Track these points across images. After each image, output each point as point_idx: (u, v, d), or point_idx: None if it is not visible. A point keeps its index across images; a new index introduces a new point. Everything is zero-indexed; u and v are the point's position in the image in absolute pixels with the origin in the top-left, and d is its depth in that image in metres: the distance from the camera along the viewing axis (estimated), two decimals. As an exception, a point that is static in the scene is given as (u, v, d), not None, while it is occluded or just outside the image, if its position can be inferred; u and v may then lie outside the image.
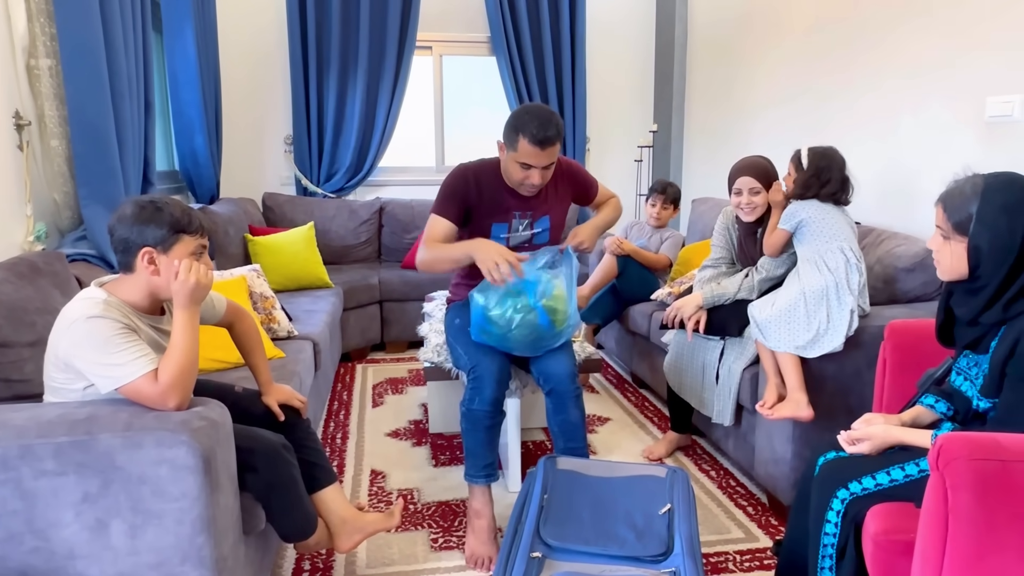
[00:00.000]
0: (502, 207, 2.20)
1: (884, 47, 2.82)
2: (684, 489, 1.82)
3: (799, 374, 2.11)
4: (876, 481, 1.47)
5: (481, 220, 2.21)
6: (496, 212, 2.20)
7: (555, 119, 2.02)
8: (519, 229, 2.24)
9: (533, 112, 2.02)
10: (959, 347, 1.54)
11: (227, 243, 3.46)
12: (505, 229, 2.23)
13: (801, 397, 2.10)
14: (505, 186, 2.20)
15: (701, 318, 2.41)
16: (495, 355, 2.12)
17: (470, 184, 2.17)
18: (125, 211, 1.43)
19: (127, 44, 2.53)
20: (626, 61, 4.87)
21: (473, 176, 2.19)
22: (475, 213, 2.20)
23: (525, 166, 2.06)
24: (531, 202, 2.22)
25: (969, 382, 1.52)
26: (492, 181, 2.20)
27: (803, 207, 2.21)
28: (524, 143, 2.01)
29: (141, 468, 1.30)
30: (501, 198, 2.20)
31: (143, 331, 1.48)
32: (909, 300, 2.31)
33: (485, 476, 2.12)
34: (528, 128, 1.99)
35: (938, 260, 1.48)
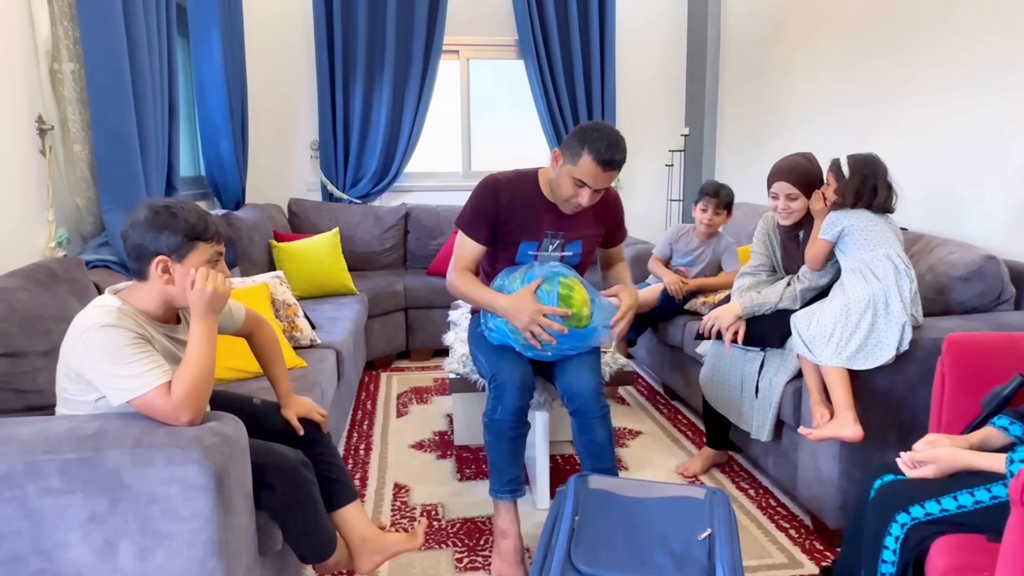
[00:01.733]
0: (535, 224, 2.08)
1: (932, 44, 2.68)
2: (725, 513, 1.71)
3: (847, 390, 1.98)
4: (941, 506, 1.35)
5: (510, 236, 2.09)
6: (527, 228, 2.08)
7: (623, 144, 1.91)
8: (549, 249, 2.11)
9: (604, 131, 1.90)
10: None
11: (252, 249, 3.42)
12: (534, 247, 2.10)
13: (848, 415, 1.96)
14: (541, 201, 2.07)
15: (740, 329, 2.29)
16: (517, 362, 2.02)
17: (500, 198, 2.05)
18: (139, 216, 1.37)
19: (151, 48, 2.50)
20: (657, 62, 4.76)
21: (504, 187, 2.06)
22: (504, 228, 2.08)
23: (579, 183, 1.93)
24: (567, 223, 2.09)
25: None
26: (527, 195, 2.07)
27: (844, 216, 2.09)
28: (587, 159, 1.88)
29: (150, 487, 1.23)
30: (536, 214, 2.07)
31: (157, 341, 1.42)
32: (964, 311, 2.16)
33: (510, 491, 2.03)
34: (596, 146, 1.87)
35: None
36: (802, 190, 2.24)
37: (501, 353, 2.05)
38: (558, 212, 2.07)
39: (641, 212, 4.90)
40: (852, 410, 1.96)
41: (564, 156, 1.96)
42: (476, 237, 2.08)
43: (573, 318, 1.96)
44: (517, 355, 2.05)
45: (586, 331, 1.99)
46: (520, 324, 1.93)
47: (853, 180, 2.10)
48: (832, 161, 2.19)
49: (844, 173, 2.12)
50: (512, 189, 2.06)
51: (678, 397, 3.34)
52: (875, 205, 2.09)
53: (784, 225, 2.35)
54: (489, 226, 2.07)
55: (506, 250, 2.11)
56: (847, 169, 2.12)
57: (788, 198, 2.26)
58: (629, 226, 4.77)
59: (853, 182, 2.10)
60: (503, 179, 2.08)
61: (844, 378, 1.98)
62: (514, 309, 1.94)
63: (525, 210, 2.06)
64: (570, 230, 2.10)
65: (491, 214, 2.05)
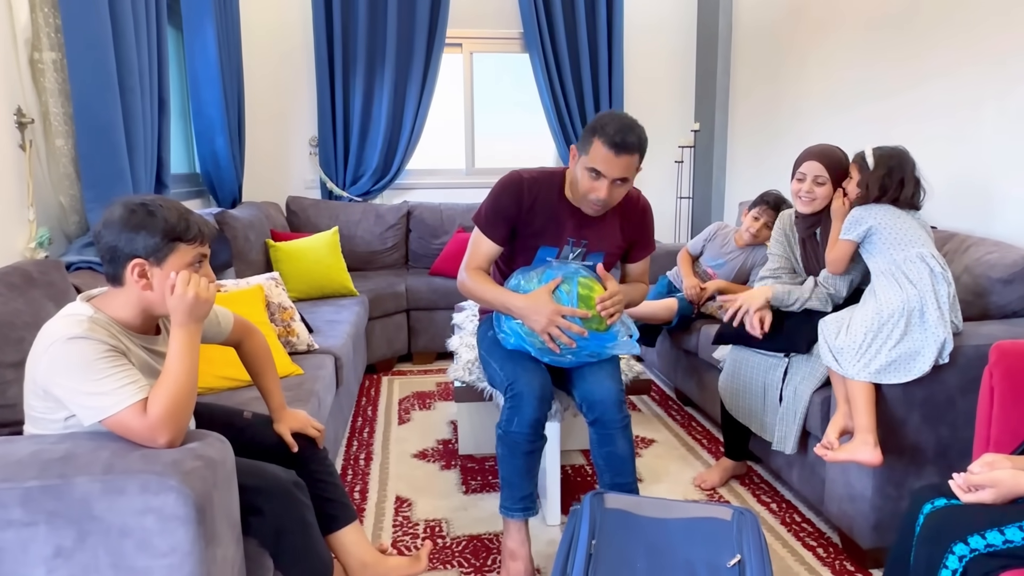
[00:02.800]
0: (557, 229, 1.95)
1: (959, 29, 2.54)
2: (755, 536, 1.58)
3: (871, 410, 1.84)
4: (1005, 537, 1.21)
5: (529, 239, 1.96)
6: (548, 233, 1.95)
7: (639, 127, 1.78)
8: (568, 257, 1.97)
9: (616, 116, 1.79)
10: None
11: (247, 249, 3.30)
12: (553, 253, 1.97)
13: (869, 437, 1.82)
14: (566, 205, 1.95)
15: (767, 318, 2.15)
16: (536, 370, 1.89)
17: (523, 197, 1.92)
18: (113, 215, 1.24)
19: (139, 37, 2.37)
20: (666, 56, 4.62)
21: (528, 187, 1.93)
22: (524, 230, 1.95)
23: (594, 174, 1.80)
24: (591, 231, 1.96)
25: None
26: (551, 196, 1.94)
27: (869, 212, 1.96)
28: (598, 145, 1.76)
29: (123, 518, 1.10)
30: (558, 219, 1.94)
31: (134, 353, 1.29)
32: (1005, 315, 2.03)
33: (523, 509, 1.90)
34: (606, 130, 1.75)
35: None
36: (831, 176, 2.12)
37: (517, 360, 1.91)
38: (582, 218, 1.94)
39: (650, 210, 4.75)
40: (873, 432, 1.82)
41: (579, 149, 1.85)
42: (494, 237, 1.96)
43: (594, 320, 1.84)
44: (535, 362, 1.91)
45: (607, 335, 1.87)
46: (538, 326, 1.81)
47: (878, 171, 1.98)
48: (856, 154, 2.07)
49: (869, 165, 1.99)
50: (536, 190, 1.93)
51: (692, 403, 3.21)
52: (901, 200, 1.96)
53: (802, 216, 2.21)
54: (508, 226, 1.95)
55: (523, 253, 1.99)
56: (872, 161, 1.99)
57: (815, 181, 2.13)
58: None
59: (877, 173, 1.97)
60: (528, 178, 1.94)
61: (870, 396, 1.84)
62: (530, 310, 1.81)
63: (548, 213, 1.93)
64: (593, 240, 1.97)
65: (511, 213, 1.93)
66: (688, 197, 4.63)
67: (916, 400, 1.84)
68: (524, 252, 1.99)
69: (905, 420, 1.85)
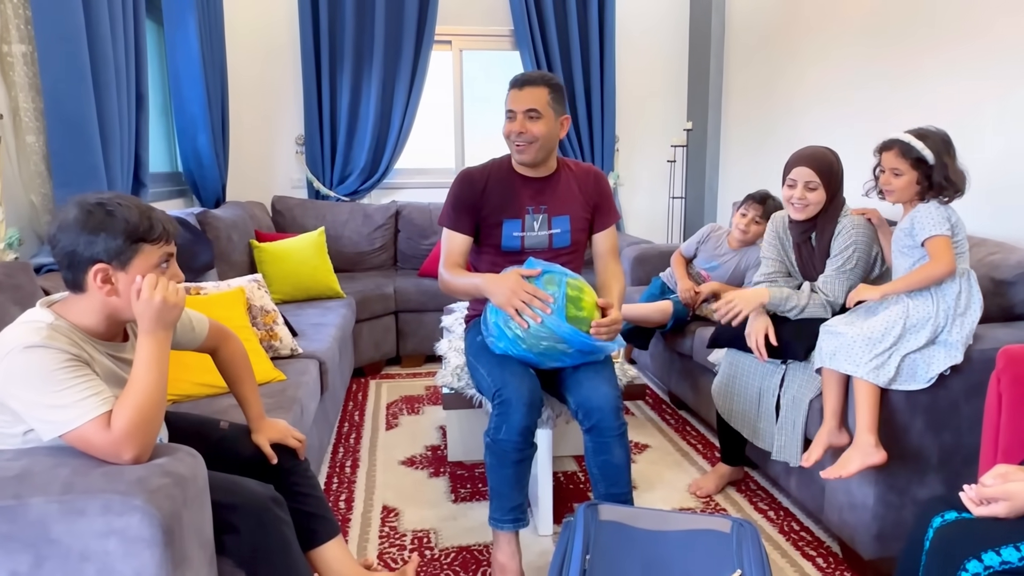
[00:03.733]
0: (514, 202, 2.03)
1: (957, 22, 2.49)
2: (755, 549, 1.51)
3: (876, 409, 1.78)
4: (1021, 554, 1.15)
5: (492, 218, 2.03)
6: (507, 208, 2.03)
7: (547, 73, 1.99)
8: (534, 227, 2.04)
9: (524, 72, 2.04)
10: None
11: (231, 250, 3.21)
12: (518, 227, 2.04)
13: (871, 439, 1.77)
14: (517, 179, 2.06)
15: (770, 332, 2.05)
16: (524, 376, 1.82)
17: (476, 184, 2.04)
18: (68, 216, 1.16)
19: (115, 30, 2.28)
20: (659, 53, 4.56)
21: (479, 173, 2.06)
22: (485, 213, 2.04)
23: (509, 114, 1.97)
24: (547, 197, 2.05)
25: None
26: (502, 176, 2.06)
27: (945, 209, 1.82)
28: (508, 92, 1.98)
29: (83, 541, 1.03)
30: (513, 190, 2.04)
31: (98, 362, 1.21)
32: (1010, 318, 1.98)
33: (513, 521, 1.83)
34: (512, 79, 1.98)
35: None
36: (823, 181, 2.02)
37: (506, 365, 1.85)
38: (537, 186, 2.05)
39: (642, 210, 4.70)
40: (875, 432, 1.78)
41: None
42: (461, 228, 2.04)
43: (583, 322, 1.79)
44: (524, 368, 1.85)
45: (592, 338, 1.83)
46: (501, 298, 1.81)
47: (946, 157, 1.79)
48: (889, 143, 1.85)
49: (925, 156, 1.79)
50: (487, 173, 2.06)
51: (686, 407, 3.15)
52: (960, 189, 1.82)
53: (796, 221, 2.13)
54: (471, 215, 2.04)
55: (490, 235, 2.04)
56: (928, 150, 1.79)
57: (807, 187, 2.03)
58: (629, 224, 4.65)
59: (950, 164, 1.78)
60: (475, 169, 2.09)
61: (876, 397, 1.78)
62: (494, 283, 1.84)
63: (502, 190, 2.04)
64: (552, 204, 2.05)
65: (470, 201, 2.03)
66: (681, 197, 4.57)
67: (919, 405, 1.78)
68: (490, 233, 2.04)
69: (908, 426, 1.79)
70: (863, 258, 2.04)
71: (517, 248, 2.03)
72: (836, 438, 1.89)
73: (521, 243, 2.02)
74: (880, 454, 1.76)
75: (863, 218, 2.08)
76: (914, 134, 1.83)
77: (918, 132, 1.84)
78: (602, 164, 4.46)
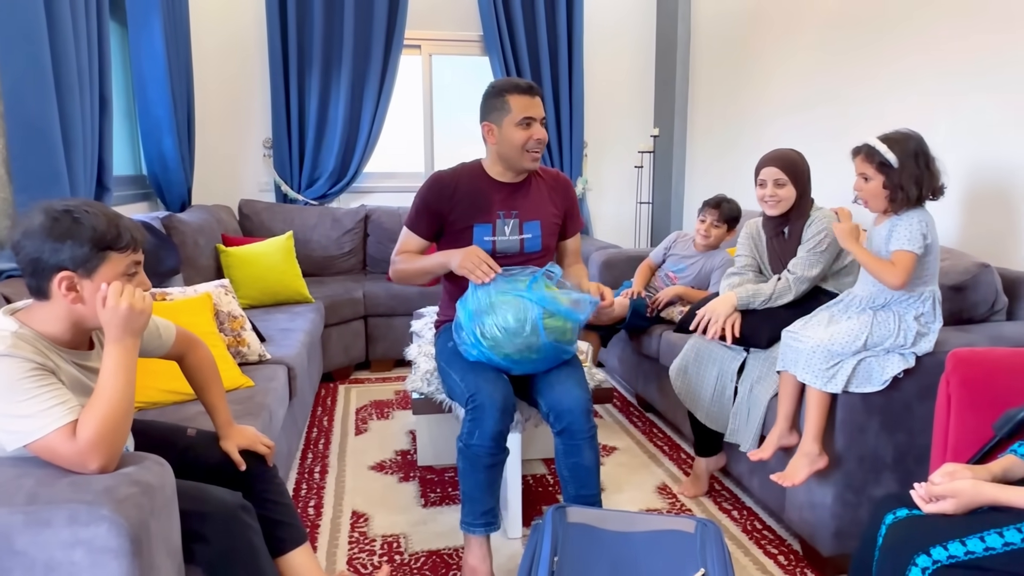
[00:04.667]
0: (485, 206, 2.02)
1: (916, 39, 2.58)
2: (718, 548, 1.55)
3: (823, 419, 1.87)
4: (967, 548, 1.21)
5: (462, 222, 2.02)
6: (478, 212, 2.02)
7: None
8: (505, 232, 2.03)
9: (506, 78, 2.03)
10: None
11: (197, 255, 3.17)
12: (489, 231, 2.02)
13: (815, 448, 1.87)
14: (488, 183, 2.05)
15: (736, 321, 2.15)
16: (497, 381, 1.85)
17: (445, 189, 2.03)
18: (33, 223, 1.14)
19: (77, 31, 2.25)
20: (626, 61, 4.63)
21: (449, 179, 2.04)
22: (454, 217, 2.03)
23: (526, 122, 1.94)
24: (519, 202, 2.05)
25: None
26: (473, 180, 2.05)
27: (921, 216, 1.82)
28: (516, 98, 1.93)
29: (48, 552, 1.02)
30: (483, 196, 2.03)
31: (64, 371, 1.20)
32: (959, 322, 2.06)
33: (484, 525, 1.85)
34: (510, 85, 1.95)
35: None
36: (790, 178, 2.14)
37: (479, 371, 1.87)
38: (508, 191, 2.05)
39: (610, 215, 4.76)
40: (820, 441, 1.87)
41: (494, 118, 1.98)
42: (419, 232, 2.07)
43: (558, 331, 1.84)
44: (496, 373, 1.88)
45: (568, 343, 1.88)
46: (456, 261, 1.89)
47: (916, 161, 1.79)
48: (861, 148, 1.85)
49: (889, 160, 1.79)
50: (457, 178, 2.05)
51: (653, 410, 3.20)
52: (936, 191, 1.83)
53: (770, 218, 2.23)
54: (435, 220, 2.05)
55: (459, 239, 2.04)
56: (893, 154, 1.79)
57: (776, 184, 2.15)
58: (597, 229, 4.70)
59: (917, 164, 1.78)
60: (445, 172, 2.07)
61: (827, 407, 1.87)
62: (456, 253, 1.92)
63: (473, 194, 2.03)
64: (523, 209, 2.06)
65: (436, 207, 2.03)
66: (648, 202, 4.64)
67: (875, 407, 1.85)
68: (458, 238, 2.04)
69: (864, 427, 1.86)
70: (834, 244, 2.14)
71: (488, 252, 2.02)
72: (786, 439, 1.98)
73: (492, 247, 2.02)
74: (823, 460, 1.87)
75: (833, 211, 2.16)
76: (883, 138, 1.84)
77: (887, 136, 1.84)
78: (571, 169, 4.50)
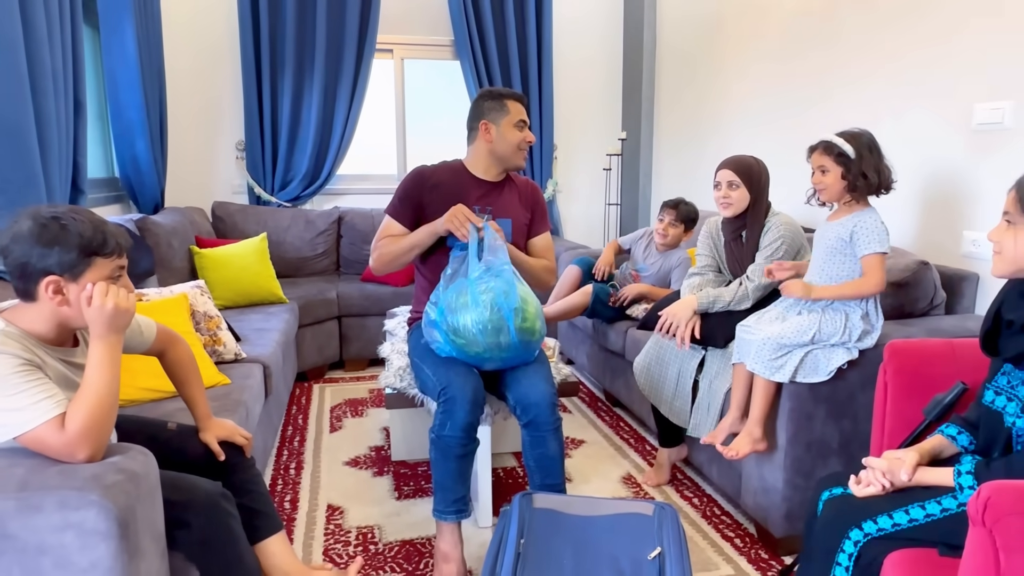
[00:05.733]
0: (463, 199, 2.15)
1: (864, 51, 2.73)
2: (674, 529, 1.66)
3: (767, 407, 2.01)
4: (893, 520, 1.32)
5: (439, 212, 2.12)
6: (455, 203, 2.11)
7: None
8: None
9: (501, 87, 2.23)
10: (1002, 360, 1.39)
11: (171, 256, 3.20)
12: None
13: (758, 431, 2.01)
14: (469, 179, 2.22)
15: (696, 324, 2.27)
16: (468, 375, 1.94)
17: (426, 181, 2.19)
18: (22, 228, 1.20)
19: (52, 37, 2.28)
20: (594, 67, 4.75)
21: (431, 173, 2.21)
22: (432, 210, 2.16)
23: (522, 124, 2.17)
24: (494, 199, 2.22)
25: (1005, 398, 1.37)
26: (454, 176, 2.22)
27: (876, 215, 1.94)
28: (514, 103, 2.17)
29: (40, 536, 1.08)
30: (463, 189, 2.19)
31: (50, 367, 1.26)
32: (900, 316, 2.19)
33: (456, 512, 1.93)
34: (508, 92, 2.19)
35: (998, 250, 1.33)
36: (744, 182, 2.25)
37: (450, 365, 1.96)
38: (485, 188, 2.22)
39: (579, 216, 4.87)
40: (762, 426, 2.01)
41: (493, 118, 2.17)
42: (401, 219, 2.18)
43: (527, 331, 1.93)
44: (467, 367, 1.97)
45: (535, 342, 1.97)
46: (441, 222, 2.04)
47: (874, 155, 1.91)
48: (818, 144, 1.98)
49: (847, 151, 1.91)
50: (438, 173, 2.21)
51: (620, 404, 3.31)
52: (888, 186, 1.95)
53: (727, 220, 2.34)
54: (414, 211, 2.18)
55: None
56: (850, 146, 1.91)
57: (730, 186, 2.26)
58: (568, 230, 4.82)
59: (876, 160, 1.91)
60: (428, 168, 2.24)
61: (771, 395, 2.00)
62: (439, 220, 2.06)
63: (452, 188, 2.18)
64: (497, 206, 2.21)
65: (417, 198, 2.18)
66: (617, 203, 4.76)
67: (821, 396, 1.97)
68: None
69: (812, 415, 1.98)
70: (789, 251, 2.25)
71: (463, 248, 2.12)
72: (738, 426, 2.10)
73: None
74: (764, 444, 2.02)
75: (790, 217, 2.29)
76: (839, 133, 1.97)
77: (843, 132, 1.98)
78: (542, 172, 4.61)
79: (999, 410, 1.38)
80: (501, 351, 1.92)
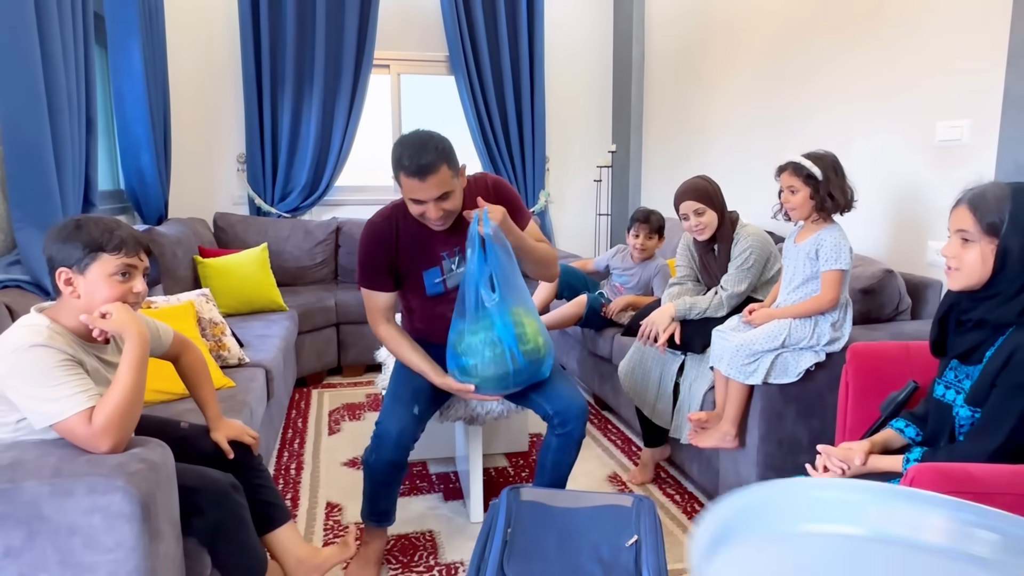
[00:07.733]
0: (428, 252, 1.99)
1: (837, 71, 2.88)
2: (651, 519, 1.78)
3: (741, 408, 2.14)
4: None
5: (409, 270, 2.01)
6: (423, 259, 2.00)
7: (432, 143, 1.73)
8: (453, 269, 2.02)
9: (408, 142, 1.76)
10: (949, 357, 1.52)
11: (175, 266, 3.33)
12: (437, 273, 2.02)
13: (732, 430, 2.15)
14: (426, 228, 1.93)
15: (675, 330, 2.41)
16: (406, 417, 1.98)
17: (386, 241, 1.96)
18: (51, 230, 1.38)
19: (67, 59, 2.41)
20: (585, 81, 4.90)
21: (387, 228, 1.96)
22: (402, 266, 2.00)
23: (416, 201, 1.81)
24: (458, 236, 1.94)
25: (954, 391, 1.50)
26: (410, 225, 1.95)
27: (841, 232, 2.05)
28: (404, 179, 1.76)
29: (71, 518, 1.20)
30: (424, 242, 1.97)
31: (87, 363, 1.39)
32: (867, 321, 2.32)
33: (377, 521, 2.06)
34: (402, 160, 1.74)
35: (957, 266, 1.40)
36: (707, 205, 2.37)
37: (399, 399, 2.02)
38: (447, 231, 1.93)
39: (571, 226, 5.01)
40: (736, 425, 2.15)
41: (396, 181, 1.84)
42: (381, 287, 2.02)
43: (532, 351, 1.94)
44: (408, 408, 2.00)
45: (544, 358, 1.98)
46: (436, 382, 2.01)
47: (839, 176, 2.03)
48: (784, 165, 2.09)
49: (815, 172, 2.02)
50: (394, 226, 1.96)
51: (608, 407, 3.43)
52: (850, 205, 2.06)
53: (699, 241, 2.47)
54: (389, 271, 2.00)
55: (412, 286, 2.04)
56: (818, 168, 2.02)
57: (696, 214, 2.38)
58: (559, 240, 4.95)
59: (841, 181, 2.03)
60: (380, 220, 1.97)
61: (745, 397, 2.14)
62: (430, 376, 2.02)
63: (413, 241, 1.97)
64: (464, 241, 1.91)
65: (384, 262, 1.98)
66: (607, 214, 4.90)
67: (791, 396, 2.11)
68: (412, 285, 2.04)
69: (783, 414, 2.11)
70: (759, 260, 2.38)
71: (442, 292, 2.04)
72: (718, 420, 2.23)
73: (444, 286, 2.04)
74: (735, 442, 2.16)
75: (758, 227, 2.43)
76: (805, 155, 2.11)
77: (809, 154, 2.11)
78: (534, 183, 4.75)
79: (948, 402, 1.51)
80: (517, 376, 1.94)
